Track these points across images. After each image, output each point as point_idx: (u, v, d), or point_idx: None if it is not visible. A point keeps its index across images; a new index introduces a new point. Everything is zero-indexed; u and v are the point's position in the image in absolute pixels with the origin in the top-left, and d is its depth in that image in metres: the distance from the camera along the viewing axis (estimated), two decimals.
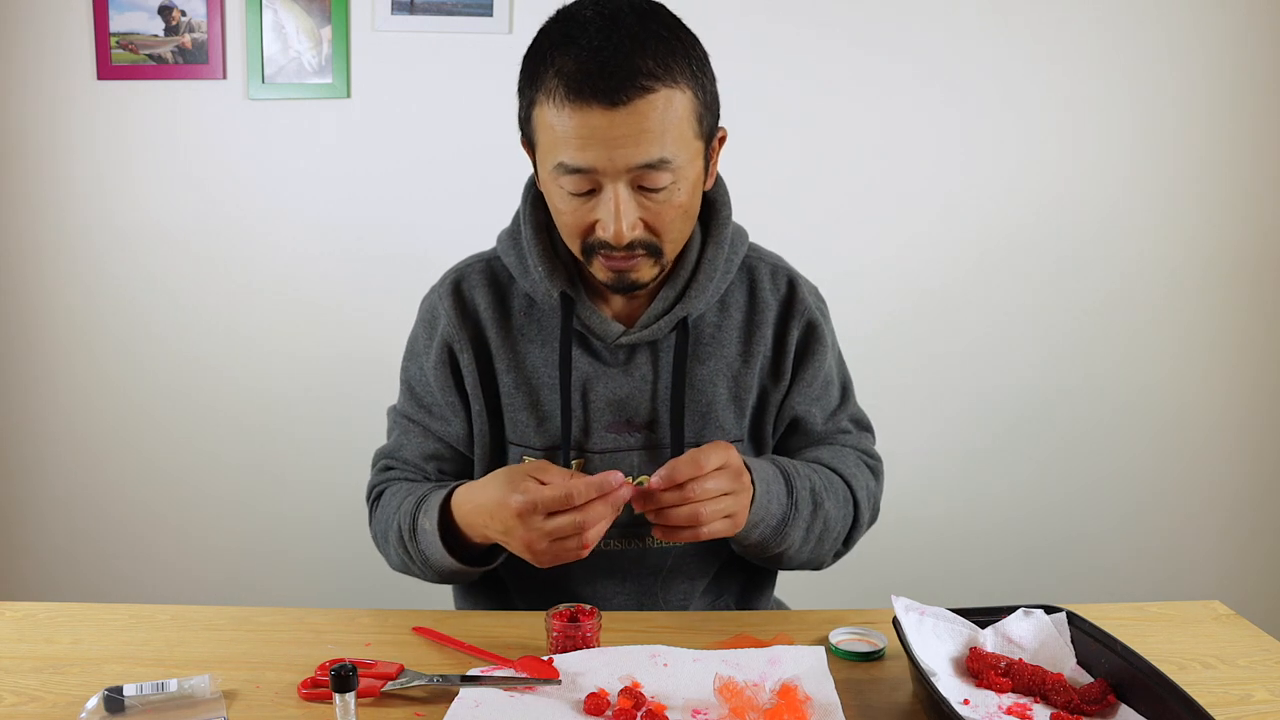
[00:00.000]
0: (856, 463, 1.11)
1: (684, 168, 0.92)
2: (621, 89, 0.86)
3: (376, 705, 0.81)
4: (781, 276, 1.11)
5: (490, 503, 0.90)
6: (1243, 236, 2.14)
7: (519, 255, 1.06)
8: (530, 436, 1.06)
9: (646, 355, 1.06)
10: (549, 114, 0.90)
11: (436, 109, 2.08)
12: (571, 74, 0.87)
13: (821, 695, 0.80)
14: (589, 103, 0.87)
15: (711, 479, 0.88)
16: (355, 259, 2.14)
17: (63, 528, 2.25)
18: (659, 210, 0.93)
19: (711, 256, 1.04)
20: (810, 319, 1.10)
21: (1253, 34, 2.06)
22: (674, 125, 0.89)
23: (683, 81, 0.90)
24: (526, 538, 0.87)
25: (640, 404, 1.05)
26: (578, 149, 0.89)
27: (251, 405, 2.20)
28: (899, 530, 2.16)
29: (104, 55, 2.06)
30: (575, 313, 1.03)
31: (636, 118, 0.87)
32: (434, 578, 1.04)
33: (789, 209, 2.10)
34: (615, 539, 1.07)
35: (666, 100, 0.88)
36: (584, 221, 0.94)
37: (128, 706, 0.79)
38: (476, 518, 0.93)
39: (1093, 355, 2.18)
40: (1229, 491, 2.25)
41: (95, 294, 2.16)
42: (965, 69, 2.07)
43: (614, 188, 0.90)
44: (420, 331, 1.12)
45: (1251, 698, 0.85)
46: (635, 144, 0.88)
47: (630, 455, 1.06)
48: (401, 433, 1.12)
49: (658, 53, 0.88)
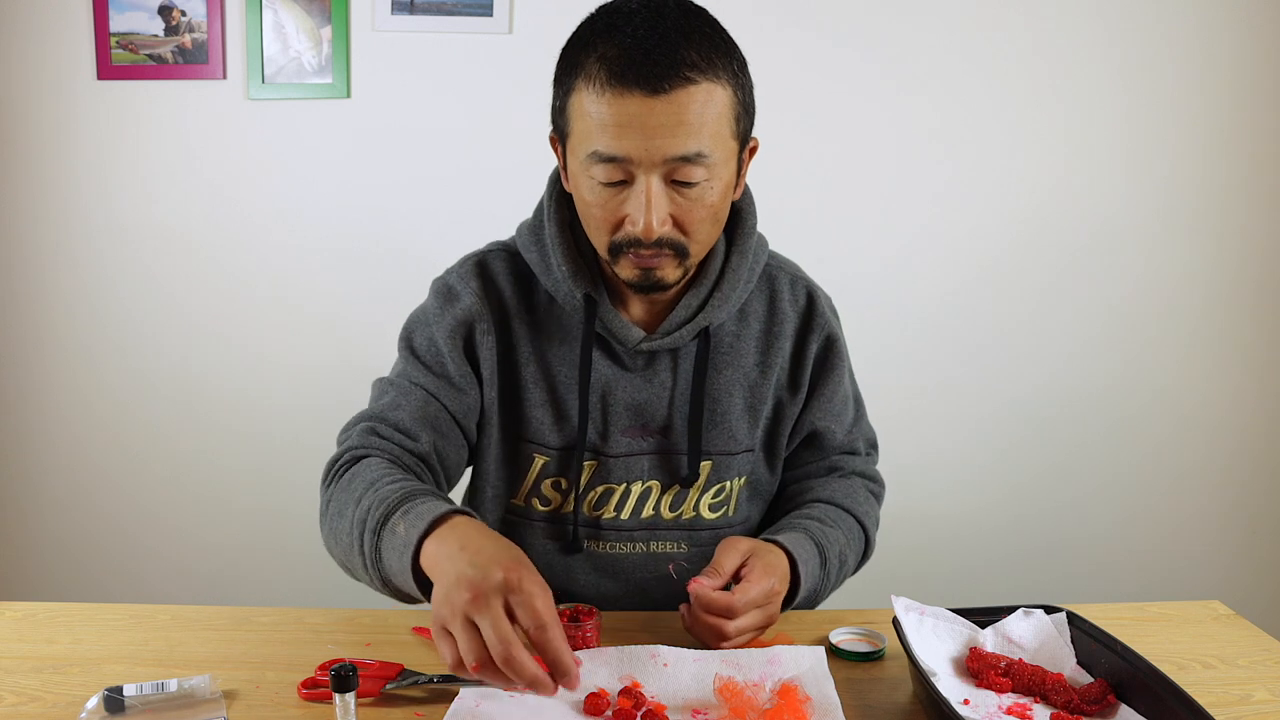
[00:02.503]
0: (866, 497, 1.12)
1: (718, 166, 0.90)
2: (665, 77, 0.85)
3: (376, 705, 0.81)
4: (800, 288, 1.10)
5: (492, 551, 0.75)
6: (1244, 239, 2.14)
7: (541, 253, 1.03)
8: (545, 435, 1.04)
9: (667, 362, 1.05)
10: (587, 100, 0.88)
11: (436, 109, 2.08)
12: (614, 59, 0.86)
13: (821, 695, 0.80)
14: (630, 89, 0.85)
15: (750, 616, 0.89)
16: (355, 258, 2.14)
17: (63, 528, 2.25)
18: (690, 208, 0.91)
19: (736, 265, 1.03)
20: (829, 333, 1.10)
21: (1257, 34, 2.06)
22: (713, 120, 0.88)
23: (725, 78, 0.88)
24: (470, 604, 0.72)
25: (657, 410, 1.05)
26: (614, 136, 0.87)
27: (251, 404, 2.20)
28: (899, 530, 2.16)
29: (104, 55, 2.06)
30: (597, 315, 1.01)
31: (676, 108, 0.85)
32: (374, 583, 0.87)
33: (794, 213, 2.09)
34: (622, 542, 1.07)
35: (707, 94, 0.87)
36: (613, 216, 0.92)
37: (128, 706, 0.79)
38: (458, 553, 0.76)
39: (1093, 356, 2.18)
40: (1229, 491, 2.25)
41: (95, 293, 2.16)
42: (974, 75, 2.07)
43: (646, 180, 0.88)
44: (432, 304, 1.06)
45: (1251, 698, 0.85)
46: (673, 134, 0.86)
47: (641, 460, 1.06)
48: (399, 394, 1.01)
49: (702, 47, 0.87)
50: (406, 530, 0.80)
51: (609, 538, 1.07)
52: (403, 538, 0.80)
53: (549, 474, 1.06)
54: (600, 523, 1.07)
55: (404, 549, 0.80)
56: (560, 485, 1.07)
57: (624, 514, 1.07)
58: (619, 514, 1.07)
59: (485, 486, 1.08)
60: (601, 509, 1.07)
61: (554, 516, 1.08)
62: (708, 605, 0.88)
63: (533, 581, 0.73)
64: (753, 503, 1.13)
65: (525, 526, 1.09)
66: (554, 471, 1.06)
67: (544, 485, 1.07)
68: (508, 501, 1.10)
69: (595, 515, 1.07)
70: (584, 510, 1.07)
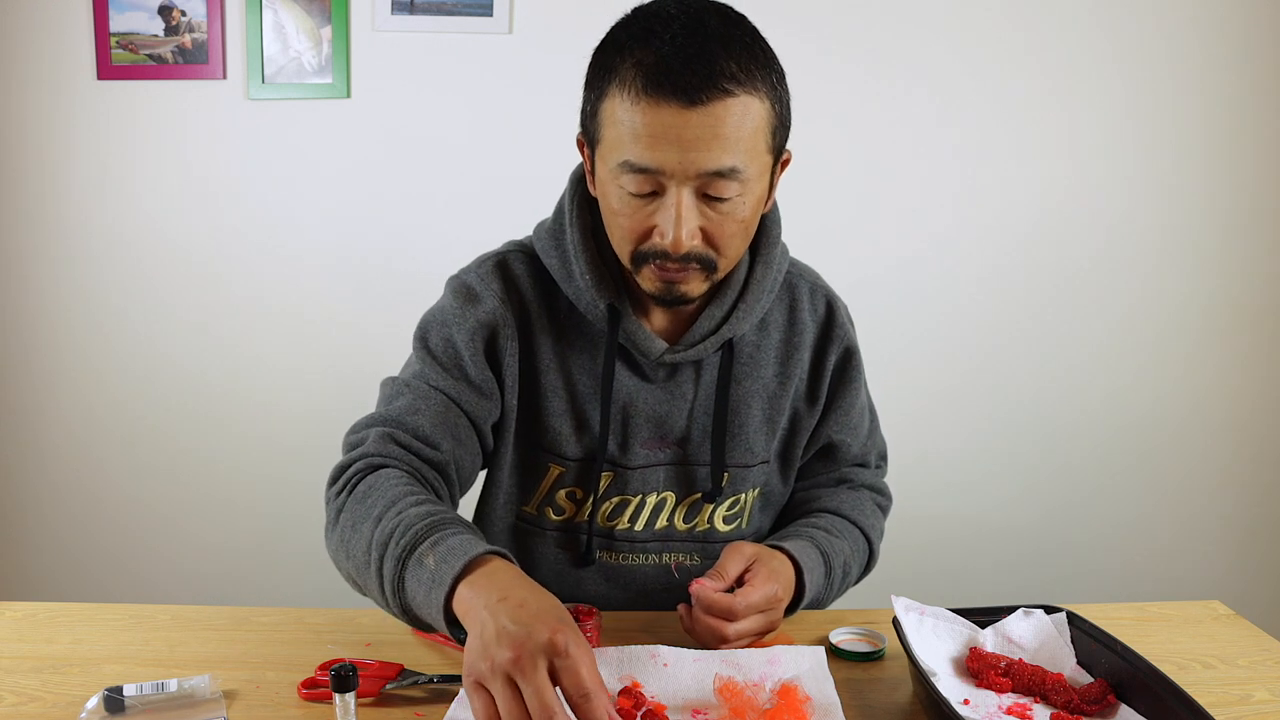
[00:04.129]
0: (874, 510, 1.12)
1: (752, 181, 0.87)
2: (703, 88, 0.81)
3: (376, 705, 0.81)
4: (820, 297, 1.09)
5: (540, 605, 0.70)
6: (1244, 241, 2.14)
7: (562, 258, 1.00)
8: (564, 446, 1.02)
9: (690, 374, 1.03)
10: (621, 108, 0.85)
11: (436, 109, 2.08)
12: (651, 67, 0.82)
13: (821, 695, 0.80)
14: (667, 99, 0.82)
15: (751, 620, 0.88)
16: (355, 258, 2.14)
17: (63, 528, 2.25)
18: (721, 222, 0.88)
19: (760, 277, 1.01)
20: (848, 344, 1.09)
21: (1260, 35, 2.06)
22: (749, 134, 0.85)
23: (763, 90, 0.85)
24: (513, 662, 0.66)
25: (676, 421, 1.03)
26: (647, 147, 0.84)
27: (251, 405, 2.20)
28: (900, 530, 2.15)
29: (104, 55, 2.06)
30: (620, 325, 0.99)
31: (713, 120, 0.82)
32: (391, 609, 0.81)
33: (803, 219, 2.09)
34: (635, 553, 1.06)
35: (744, 107, 0.84)
36: (641, 226, 0.89)
37: (128, 706, 0.79)
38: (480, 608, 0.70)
39: (1093, 357, 2.18)
40: (1229, 491, 2.25)
41: (94, 294, 2.16)
42: (986, 82, 2.07)
43: (678, 192, 0.85)
44: (451, 303, 1.00)
45: (1251, 698, 0.85)
46: (708, 148, 0.83)
47: (658, 471, 1.04)
48: (417, 398, 0.95)
49: (741, 57, 0.83)
50: (437, 566, 0.75)
51: (621, 549, 1.06)
52: (432, 572, 0.75)
53: (565, 484, 1.04)
54: (614, 534, 1.06)
55: (434, 585, 0.75)
56: (575, 495, 1.05)
57: (638, 525, 1.05)
58: (633, 525, 1.05)
59: (498, 493, 1.06)
60: (616, 520, 1.05)
61: (567, 526, 1.06)
62: (709, 606, 0.87)
63: (579, 645, 0.67)
64: (764, 513, 1.12)
65: (536, 535, 1.07)
66: (570, 482, 1.04)
67: (558, 495, 1.05)
68: (519, 509, 1.08)
69: (609, 526, 1.05)
70: (598, 521, 1.05)
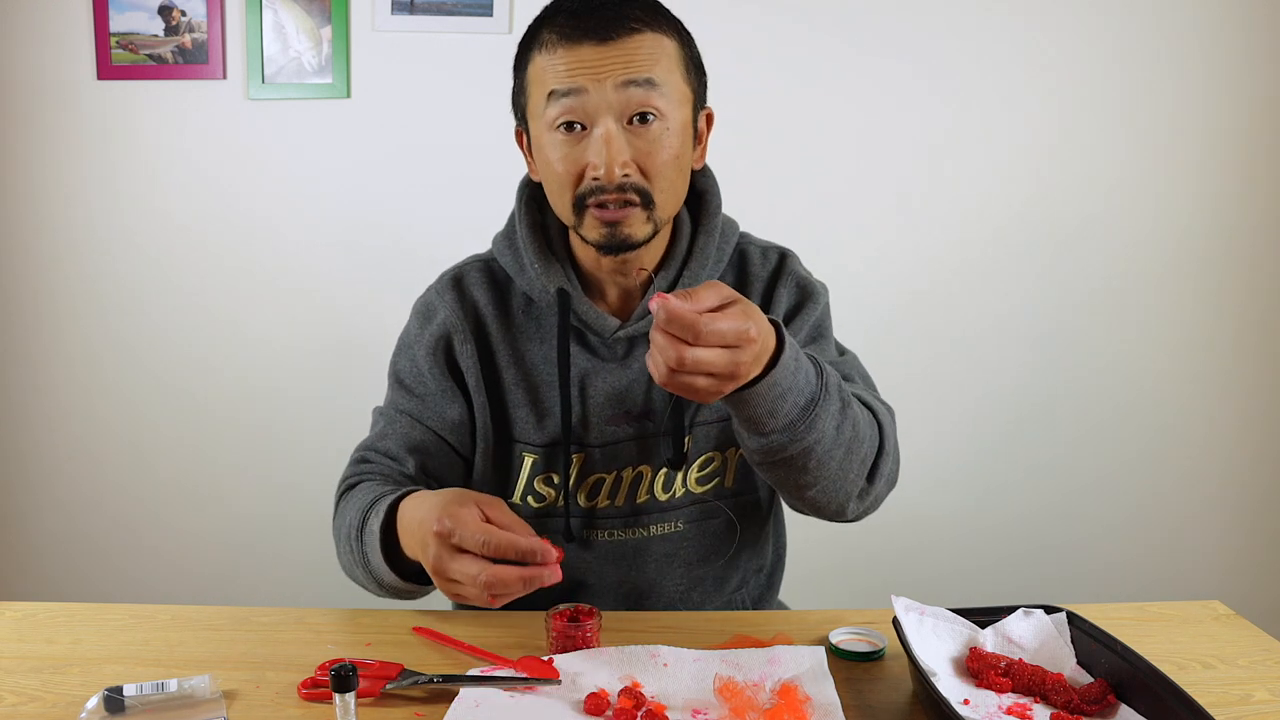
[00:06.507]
0: (871, 399, 1.00)
1: (672, 110, 0.94)
2: (611, 27, 0.91)
3: (376, 705, 0.81)
4: (773, 254, 1.11)
5: (423, 516, 0.84)
6: (1239, 231, 2.14)
7: (515, 255, 1.07)
8: (530, 433, 1.07)
9: (645, 348, 1.05)
10: (540, 61, 0.94)
11: (436, 109, 2.08)
12: (563, 24, 0.92)
13: (821, 695, 0.80)
14: (580, 41, 0.91)
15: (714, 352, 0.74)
16: (356, 258, 2.14)
17: (63, 528, 2.25)
18: (650, 151, 0.93)
19: (703, 245, 1.05)
20: (801, 283, 1.08)
21: (1248, 23, 2.06)
22: (663, 60, 0.93)
23: (669, 31, 0.95)
24: (434, 564, 0.82)
25: (636, 395, 1.06)
26: (567, 74, 0.92)
27: (252, 405, 2.20)
28: (899, 530, 2.16)
29: (104, 55, 2.06)
30: (572, 309, 1.04)
31: (626, 52, 0.91)
32: (376, 588, 0.97)
33: (773, 208, 2.10)
34: (619, 529, 1.08)
35: (655, 40, 0.93)
36: (576, 167, 0.94)
37: (128, 706, 0.79)
38: (411, 531, 0.88)
39: (1092, 354, 2.18)
40: (1229, 491, 2.25)
41: (95, 294, 2.16)
42: (955, 63, 2.07)
43: (605, 123, 0.92)
44: (412, 325, 1.11)
45: (1251, 698, 0.85)
46: (625, 67, 0.91)
47: (628, 445, 1.07)
48: (387, 423, 1.08)
49: (645, 5, 0.94)
50: (376, 523, 0.92)
51: (605, 525, 1.08)
52: (374, 534, 0.92)
53: (539, 471, 1.07)
54: (595, 512, 1.08)
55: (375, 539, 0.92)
56: (552, 480, 1.08)
57: (617, 501, 1.08)
58: (612, 501, 1.08)
59: (485, 489, 1.09)
60: (595, 499, 1.08)
61: (549, 511, 1.09)
62: (670, 317, 0.73)
63: (457, 517, 0.80)
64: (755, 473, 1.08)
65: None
66: (543, 468, 1.07)
67: (536, 483, 1.08)
68: (506, 502, 1.09)
69: (589, 506, 1.08)
70: (579, 502, 1.08)
